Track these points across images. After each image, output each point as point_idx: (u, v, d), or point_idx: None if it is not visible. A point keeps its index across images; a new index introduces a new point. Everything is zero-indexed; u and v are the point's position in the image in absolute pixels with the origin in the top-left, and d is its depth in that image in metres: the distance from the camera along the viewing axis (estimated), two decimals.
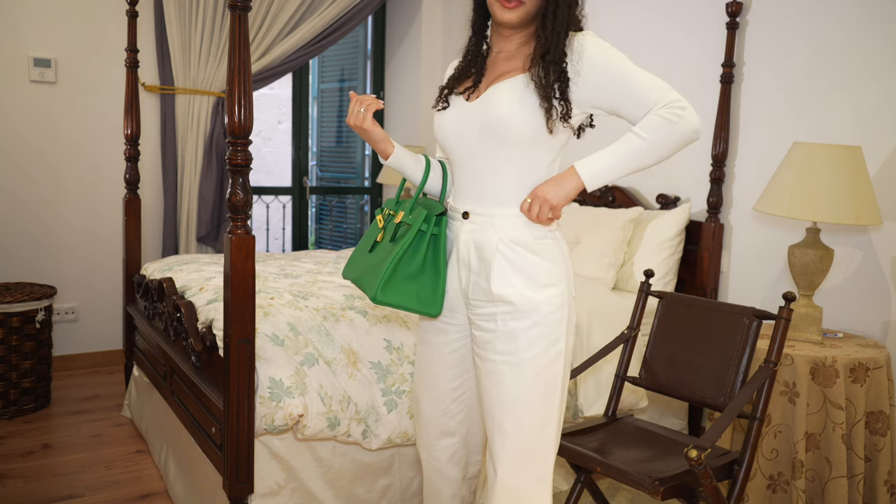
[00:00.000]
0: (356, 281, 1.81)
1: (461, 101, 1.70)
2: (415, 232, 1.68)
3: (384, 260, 1.70)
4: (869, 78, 2.60)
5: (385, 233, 1.78)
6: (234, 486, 2.12)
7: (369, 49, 5.17)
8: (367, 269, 1.77)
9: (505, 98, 1.61)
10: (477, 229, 1.69)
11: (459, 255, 1.73)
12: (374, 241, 1.81)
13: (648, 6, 3.43)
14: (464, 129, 1.68)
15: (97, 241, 4.04)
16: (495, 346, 1.67)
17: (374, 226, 1.86)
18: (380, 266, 1.70)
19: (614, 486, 2.75)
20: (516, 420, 1.66)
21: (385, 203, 1.97)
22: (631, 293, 3.09)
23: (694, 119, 1.62)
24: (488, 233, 1.67)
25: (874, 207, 2.35)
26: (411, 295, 1.68)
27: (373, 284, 1.67)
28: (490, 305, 1.68)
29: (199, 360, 2.41)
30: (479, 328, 1.71)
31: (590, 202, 3.64)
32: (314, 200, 5.51)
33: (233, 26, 1.97)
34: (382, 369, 2.37)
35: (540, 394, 1.66)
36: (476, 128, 1.66)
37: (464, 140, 1.69)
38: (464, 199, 1.72)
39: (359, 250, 1.87)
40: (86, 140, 3.96)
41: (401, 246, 1.67)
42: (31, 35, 3.77)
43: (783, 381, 2.33)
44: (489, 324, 1.68)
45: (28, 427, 3.24)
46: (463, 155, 1.71)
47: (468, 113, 1.67)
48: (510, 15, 1.62)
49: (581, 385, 2.68)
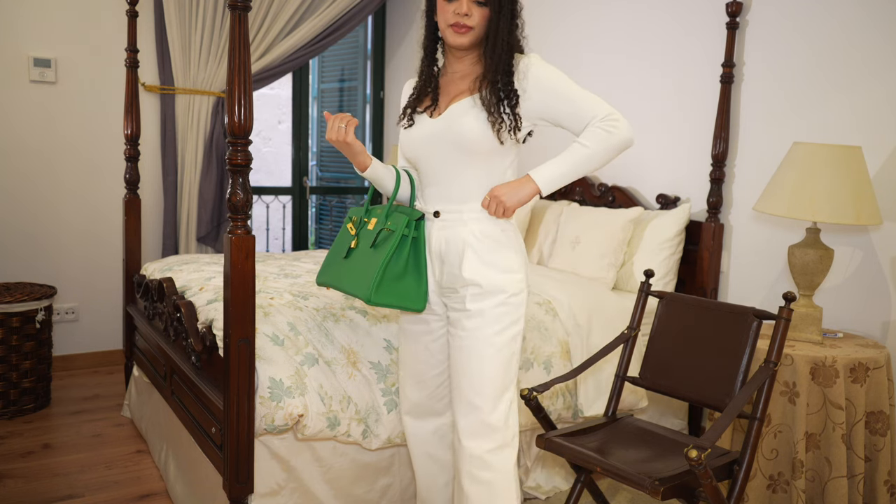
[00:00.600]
0: (337, 286, 2.00)
1: (425, 118, 1.93)
2: (399, 236, 1.88)
3: (370, 264, 1.90)
4: (869, 78, 2.61)
5: (360, 239, 1.99)
6: (234, 486, 2.12)
7: (369, 49, 5.17)
8: (349, 273, 1.97)
9: (463, 117, 1.85)
10: (447, 225, 1.93)
11: (432, 250, 1.95)
12: (348, 247, 2.01)
13: (649, 6, 3.43)
14: (430, 143, 1.91)
15: (97, 241, 4.04)
16: (464, 323, 1.90)
17: (344, 233, 2.06)
18: (367, 270, 1.90)
19: (614, 486, 2.75)
20: (480, 392, 1.89)
21: (350, 212, 2.10)
22: (631, 293, 3.09)
23: (627, 130, 1.84)
24: (458, 227, 1.92)
25: (874, 207, 2.35)
26: (400, 294, 1.90)
27: (365, 287, 1.87)
28: (462, 290, 1.90)
29: (199, 360, 2.41)
30: (453, 309, 1.94)
31: (590, 202, 3.64)
32: (314, 200, 5.52)
33: (233, 26, 1.97)
34: (382, 369, 2.37)
35: (501, 368, 1.90)
36: (441, 141, 1.89)
37: (431, 152, 1.92)
38: (433, 201, 1.95)
39: (332, 257, 2.07)
40: (86, 140, 3.96)
41: (388, 250, 1.87)
42: (31, 35, 3.77)
43: (783, 381, 2.33)
44: (460, 304, 1.91)
45: (28, 427, 3.24)
46: (430, 164, 1.94)
47: (433, 129, 1.91)
48: (461, 39, 1.85)
49: (581, 385, 2.68)
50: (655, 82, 3.41)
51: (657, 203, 3.35)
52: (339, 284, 2.00)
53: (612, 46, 3.60)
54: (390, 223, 1.92)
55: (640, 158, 3.48)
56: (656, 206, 3.37)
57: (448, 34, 1.86)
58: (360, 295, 1.88)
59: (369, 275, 1.87)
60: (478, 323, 1.88)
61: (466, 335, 1.89)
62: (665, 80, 3.37)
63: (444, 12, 1.85)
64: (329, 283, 2.04)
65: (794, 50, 2.84)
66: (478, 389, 1.89)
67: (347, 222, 2.06)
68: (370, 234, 1.97)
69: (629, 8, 3.52)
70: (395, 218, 1.92)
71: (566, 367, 2.66)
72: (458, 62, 1.93)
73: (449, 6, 1.83)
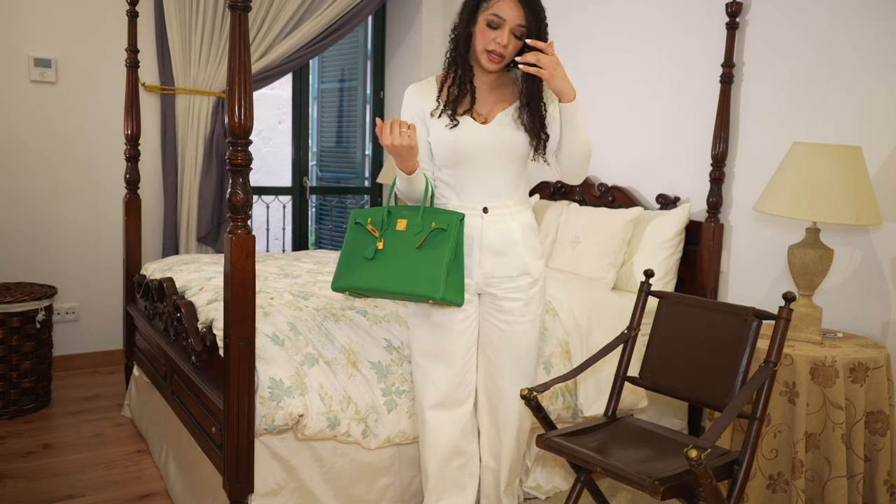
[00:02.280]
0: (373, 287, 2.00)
1: (470, 121, 2.07)
2: (455, 234, 1.97)
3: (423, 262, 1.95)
4: (869, 78, 2.61)
5: (387, 240, 2.02)
6: (234, 486, 2.12)
7: (369, 49, 5.17)
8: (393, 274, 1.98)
9: (511, 127, 2.07)
10: (497, 220, 2.11)
11: (484, 244, 2.11)
12: (374, 249, 2.02)
13: (649, 5, 3.43)
14: (481, 146, 2.07)
15: (97, 241, 4.04)
16: (523, 310, 2.15)
17: (362, 235, 2.06)
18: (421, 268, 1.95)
19: (614, 486, 2.75)
20: (525, 370, 2.20)
21: (356, 214, 2.09)
22: (631, 293, 3.09)
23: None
24: (507, 220, 2.12)
25: (874, 207, 2.35)
26: (453, 289, 1.99)
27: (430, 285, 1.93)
28: (517, 279, 2.12)
29: (199, 360, 2.41)
30: (506, 299, 2.14)
31: (590, 202, 3.64)
32: (314, 200, 5.51)
33: (233, 26, 1.97)
34: (382, 369, 2.37)
35: (537, 344, 2.24)
36: (493, 145, 2.07)
37: (480, 153, 2.08)
38: (478, 198, 2.11)
39: (351, 260, 2.06)
40: (86, 140, 3.96)
41: (448, 248, 1.96)
42: (31, 35, 3.77)
43: (783, 381, 2.33)
44: (517, 294, 2.13)
45: (28, 427, 3.24)
46: (477, 164, 2.09)
47: (483, 133, 2.07)
48: (493, 66, 2.04)
49: (581, 385, 2.68)
50: (655, 82, 3.41)
51: (657, 203, 3.35)
52: (378, 286, 2.00)
53: (612, 46, 3.60)
54: (436, 223, 1.98)
55: (640, 158, 3.48)
56: (656, 206, 3.37)
57: (483, 58, 2.03)
58: (422, 293, 1.93)
59: (431, 273, 1.94)
60: (532, 308, 2.16)
61: (525, 321, 2.15)
62: (665, 80, 3.37)
63: (484, 36, 2.01)
64: (358, 286, 2.03)
65: (794, 50, 2.84)
66: (523, 368, 2.19)
67: (364, 224, 2.06)
68: (407, 235, 2.00)
69: (629, 8, 3.52)
70: (437, 218, 2.00)
71: (566, 367, 2.66)
72: (485, 73, 2.11)
73: (491, 33, 2.00)
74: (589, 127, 2.14)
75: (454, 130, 2.06)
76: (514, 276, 2.12)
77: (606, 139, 3.59)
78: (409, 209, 2.05)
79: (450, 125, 2.06)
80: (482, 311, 2.20)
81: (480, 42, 2.02)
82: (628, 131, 3.55)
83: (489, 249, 2.11)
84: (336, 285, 2.07)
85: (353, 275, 2.04)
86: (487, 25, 1.99)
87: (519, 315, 2.15)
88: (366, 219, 2.07)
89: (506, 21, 1.98)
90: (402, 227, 2.01)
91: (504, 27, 1.98)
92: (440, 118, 2.09)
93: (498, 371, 2.20)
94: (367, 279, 2.01)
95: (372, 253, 2.02)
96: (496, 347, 2.18)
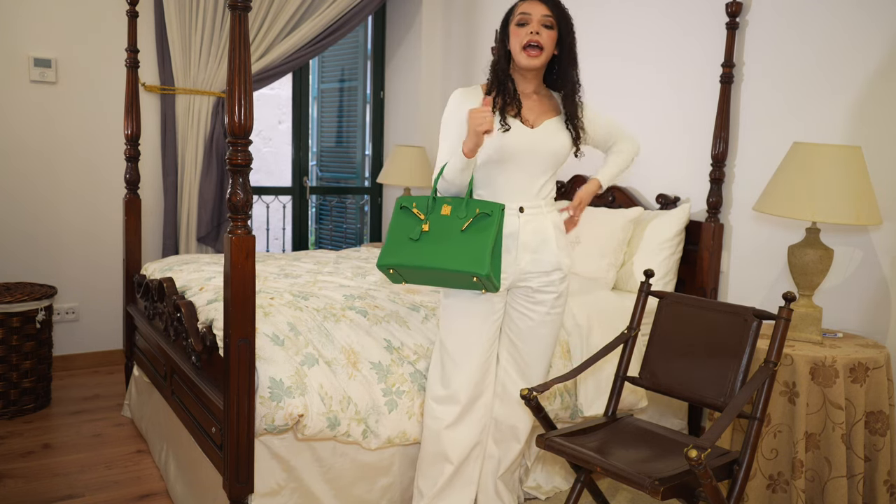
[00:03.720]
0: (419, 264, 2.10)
1: (520, 125, 2.20)
2: (498, 221, 2.10)
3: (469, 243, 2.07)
4: (869, 78, 2.61)
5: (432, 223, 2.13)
6: (234, 486, 2.12)
7: (369, 49, 5.17)
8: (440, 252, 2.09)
9: (558, 133, 2.25)
10: (532, 219, 2.24)
11: (520, 241, 2.23)
12: (420, 230, 2.13)
13: (648, 5, 3.43)
14: (529, 149, 2.21)
15: (97, 241, 4.04)
16: (553, 303, 2.29)
17: (408, 218, 2.16)
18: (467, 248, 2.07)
19: (614, 486, 2.75)
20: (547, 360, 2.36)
21: (403, 199, 2.18)
22: (631, 293, 3.09)
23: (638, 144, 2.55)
24: (541, 219, 2.25)
25: (874, 207, 2.35)
26: (496, 270, 2.10)
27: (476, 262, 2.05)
28: (551, 274, 2.26)
29: (199, 360, 2.41)
30: (540, 292, 2.27)
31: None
32: (314, 200, 5.52)
33: (233, 26, 1.97)
34: (383, 369, 2.37)
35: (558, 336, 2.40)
36: (539, 149, 2.22)
37: (526, 155, 2.22)
38: (516, 198, 2.23)
39: (398, 239, 2.16)
40: (86, 140, 3.96)
41: (494, 231, 2.08)
42: (31, 35, 3.77)
43: (783, 381, 2.33)
44: (550, 287, 2.28)
45: (28, 427, 3.24)
46: (521, 165, 2.22)
47: (533, 138, 2.21)
48: (534, 62, 2.17)
49: (581, 385, 2.68)
50: (655, 82, 3.41)
51: (657, 203, 3.35)
52: (423, 262, 2.09)
53: (612, 47, 3.60)
54: (479, 209, 2.11)
55: (640, 158, 3.48)
56: (656, 206, 3.37)
57: (522, 58, 2.17)
58: (468, 269, 2.04)
59: (477, 251, 2.06)
60: (561, 302, 2.31)
61: (555, 312, 2.30)
62: (665, 81, 3.37)
63: (518, 37, 2.16)
64: (404, 263, 2.12)
65: (794, 50, 2.84)
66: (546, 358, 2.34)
67: (409, 208, 2.16)
68: (451, 220, 2.12)
69: (629, 8, 3.52)
70: (481, 206, 2.12)
71: (566, 367, 2.66)
72: (526, 82, 2.25)
73: (522, 30, 2.16)
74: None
75: (506, 134, 2.19)
76: (549, 272, 2.26)
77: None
78: (453, 198, 2.16)
79: (502, 129, 2.17)
80: (511, 303, 2.32)
81: (516, 44, 2.17)
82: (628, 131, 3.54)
83: (525, 247, 2.23)
84: (381, 262, 2.15)
85: (398, 254, 2.14)
86: (517, 25, 2.17)
87: (549, 307, 2.29)
88: (411, 203, 2.17)
89: (532, 15, 2.16)
90: (446, 213, 2.13)
91: (532, 21, 2.15)
92: None
93: (524, 358, 2.32)
94: (412, 257, 2.11)
95: (417, 234, 2.12)
96: (524, 336, 2.31)
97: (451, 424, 2.28)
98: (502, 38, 2.24)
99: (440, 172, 2.17)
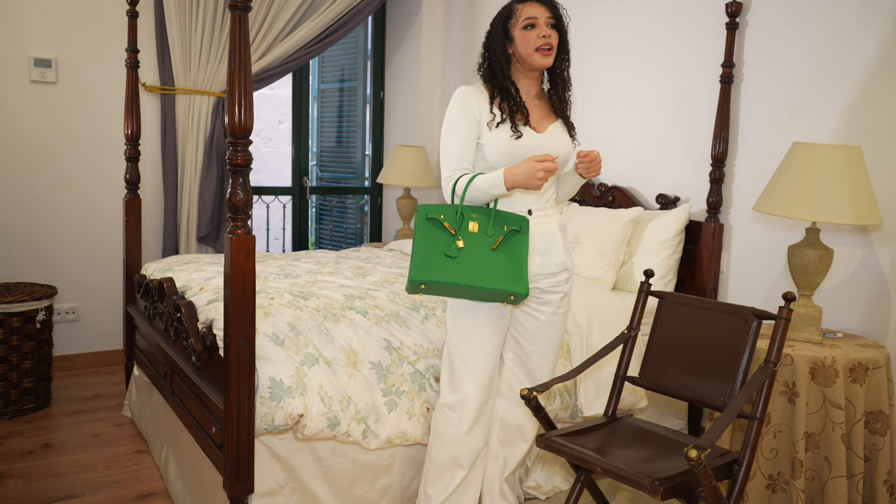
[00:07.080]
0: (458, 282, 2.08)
1: (530, 131, 2.23)
2: (528, 236, 2.16)
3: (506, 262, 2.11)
4: (869, 78, 2.61)
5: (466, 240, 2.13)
6: (234, 486, 2.12)
7: (369, 49, 5.17)
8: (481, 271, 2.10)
9: (563, 136, 2.31)
10: (540, 221, 2.26)
11: (530, 244, 2.23)
12: (455, 247, 2.11)
13: (648, 6, 3.43)
14: (538, 150, 2.20)
15: (97, 241, 4.04)
16: (559, 302, 2.31)
17: (438, 230, 2.13)
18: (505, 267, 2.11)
19: (614, 486, 2.75)
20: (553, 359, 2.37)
21: (428, 209, 2.14)
22: (631, 293, 3.09)
23: None
24: (547, 221, 2.28)
25: (874, 207, 2.35)
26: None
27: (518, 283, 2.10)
28: (558, 275, 2.28)
29: (199, 360, 2.42)
30: (548, 292, 2.29)
31: (590, 202, 3.64)
32: (314, 200, 5.52)
33: (233, 26, 1.97)
34: (382, 369, 2.37)
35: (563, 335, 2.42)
36: (547, 150, 2.20)
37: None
38: (523, 201, 2.25)
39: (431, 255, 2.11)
40: (86, 140, 3.96)
41: (525, 248, 2.15)
42: (31, 35, 3.77)
43: (783, 381, 2.33)
44: (557, 287, 2.29)
45: (28, 427, 3.25)
46: None
47: (541, 142, 2.23)
48: (548, 60, 2.22)
49: (581, 385, 2.68)
50: (655, 82, 3.41)
51: (657, 203, 3.35)
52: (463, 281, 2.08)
53: (612, 46, 3.60)
54: (508, 226, 2.15)
55: (640, 158, 3.48)
56: (656, 206, 3.37)
57: (536, 58, 2.20)
58: (508, 289, 2.09)
59: (515, 270, 2.12)
60: (566, 301, 2.33)
61: (560, 311, 2.32)
62: (665, 81, 3.37)
63: (527, 40, 2.20)
64: (442, 280, 2.08)
65: (794, 50, 2.84)
66: (552, 357, 2.37)
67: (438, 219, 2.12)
68: (480, 237, 2.13)
69: (629, 8, 3.52)
70: (508, 221, 2.17)
71: (566, 367, 2.66)
72: (530, 83, 2.29)
73: (531, 33, 2.19)
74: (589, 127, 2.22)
75: (519, 140, 2.21)
76: (556, 273, 2.28)
77: (606, 139, 3.59)
78: (477, 211, 2.17)
79: (514, 136, 2.20)
80: (518, 305, 2.33)
81: (526, 46, 2.20)
82: (628, 131, 3.55)
83: (534, 250, 2.25)
84: (417, 278, 2.08)
85: (434, 271, 2.09)
86: (524, 29, 2.20)
87: (556, 307, 2.31)
88: (439, 214, 2.14)
89: (538, 18, 2.21)
90: (474, 230, 2.15)
91: (539, 23, 2.20)
92: (497, 128, 2.21)
93: (530, 359, 2.35)
94: (450, 274, 2.09)
95: (455, 252, 2.11)
96: (531, 337, 2.33)
97: (468, 430, 2.28)
98: (502, 43, 2.25)
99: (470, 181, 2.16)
